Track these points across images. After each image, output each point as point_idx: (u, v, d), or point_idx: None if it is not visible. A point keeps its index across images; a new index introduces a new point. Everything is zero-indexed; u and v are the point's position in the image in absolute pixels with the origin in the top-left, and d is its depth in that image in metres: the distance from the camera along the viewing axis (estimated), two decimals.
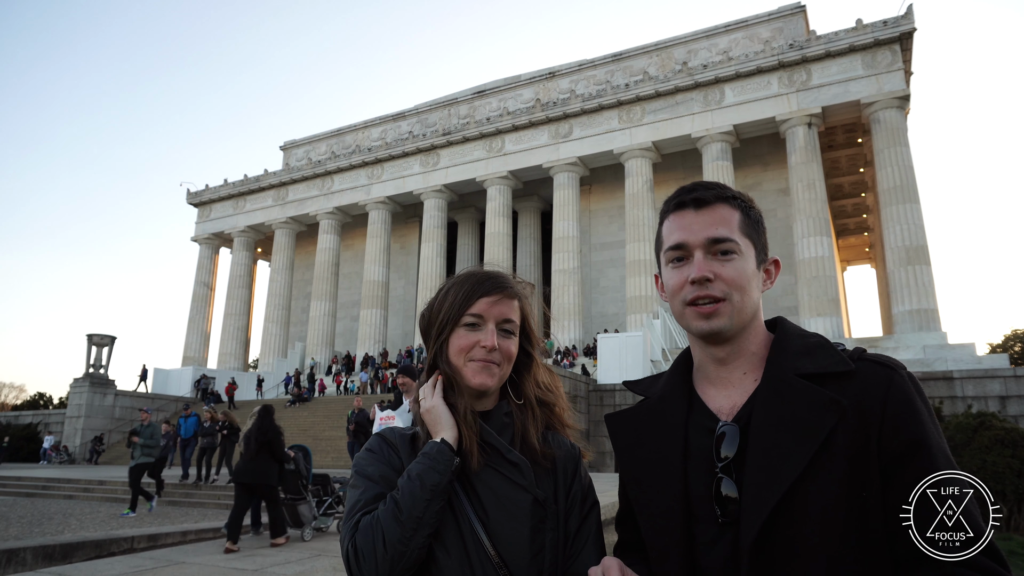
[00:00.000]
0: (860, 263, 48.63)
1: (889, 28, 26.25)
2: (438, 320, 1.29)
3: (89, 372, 27.02)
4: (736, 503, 1.02)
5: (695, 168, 31.14)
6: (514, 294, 1.30)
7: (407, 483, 1.14)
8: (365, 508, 1.17)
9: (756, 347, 1.15)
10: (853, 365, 1.05)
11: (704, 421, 1.13)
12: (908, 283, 24.70)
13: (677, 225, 1.17)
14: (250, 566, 6.14)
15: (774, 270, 1.20)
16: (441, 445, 1.18)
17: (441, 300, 1.30)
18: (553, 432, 1.32)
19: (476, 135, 34.70)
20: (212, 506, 13.46)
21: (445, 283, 1.33)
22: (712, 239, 1.12)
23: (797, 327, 1.17)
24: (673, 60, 34.41)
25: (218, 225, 42.76)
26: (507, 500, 1.18)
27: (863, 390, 1.01)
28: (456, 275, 1.34)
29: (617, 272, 33.21)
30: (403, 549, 1.09)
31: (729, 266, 1.11)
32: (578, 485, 1.26)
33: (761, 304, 1.18)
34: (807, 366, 1.06)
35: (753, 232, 1.17)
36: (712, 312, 1.10)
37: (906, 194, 25.58)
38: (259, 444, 7.58)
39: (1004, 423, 9.88)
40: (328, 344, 37.30)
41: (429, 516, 1.12)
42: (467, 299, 1.26)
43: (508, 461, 1.21)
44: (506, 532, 1.16)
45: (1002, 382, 16.85)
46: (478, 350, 1.24)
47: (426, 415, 1.25)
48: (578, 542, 1.21)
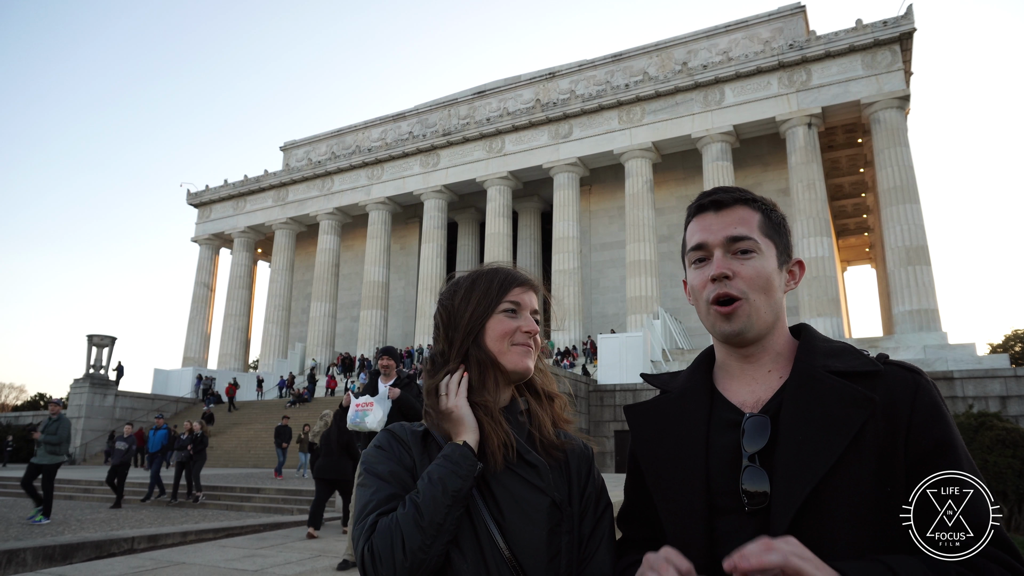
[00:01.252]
0: (860, 263, 48.63)
1: (889, 28, 26.25)
2: (469, 309, 1.27)
3: (89, 373, 27.02)
4: (763, 495, 1.03)
5: (695, 168, 31.14)
6: (537, 286, 1.35)
7: (428, 487, 1.10)
8: (379, 509, 1.13)
9: (781, 347, 1.16)
10: (881, 367, 1.07)
11: (727, 415, 1.13)
12: (908, 283, 24.70)
13: (699, 227, 1.19)
14: (250, 566, 6.14)
15: (798, 271, 1.21)
16: (464, 449, 1.15)
17: (468, 290, 1.30)
18: (565, 432, 1.31)
19: (476, 135, 34.70)
20: (212, 507, 13.47)
21: (462, 277, 1.34)
22: (731, 237, 1.14)
23: (822, 334, 1.20)
24: (673, 60, 34.41)
25: (218, 226, 42.76)
26: (524, 502, 1.16)
27: (890, 391, 1.03)
28: (475, 269, 1.34)
29: (617, 272, 33.20)
30: (424, 556, 1.06)
31: (748, 264, 1.13)
32: (592, 486, 1.25)
33: (784, 305, 1.19)
34: (836, 365, 1.08)
35: (774, 233, 1.18)
36: (731, 312, 1.11)
37: (906, 194, 25.58)
38: (340, 445, 8.31)
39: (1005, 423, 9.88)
40: (328, 345, 37.29)
41: (450, 523, 1.09)
42: (504, 287, 1.28)
43: (526, 462, 1.19)
44: (523, 535, 1.14)
45: (1002, 382, 16.85)
46: (520, 335, 1.26)
47: (448, 414, 1.21)
48: (592, 544, 1.20)
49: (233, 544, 7.61)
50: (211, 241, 43.02)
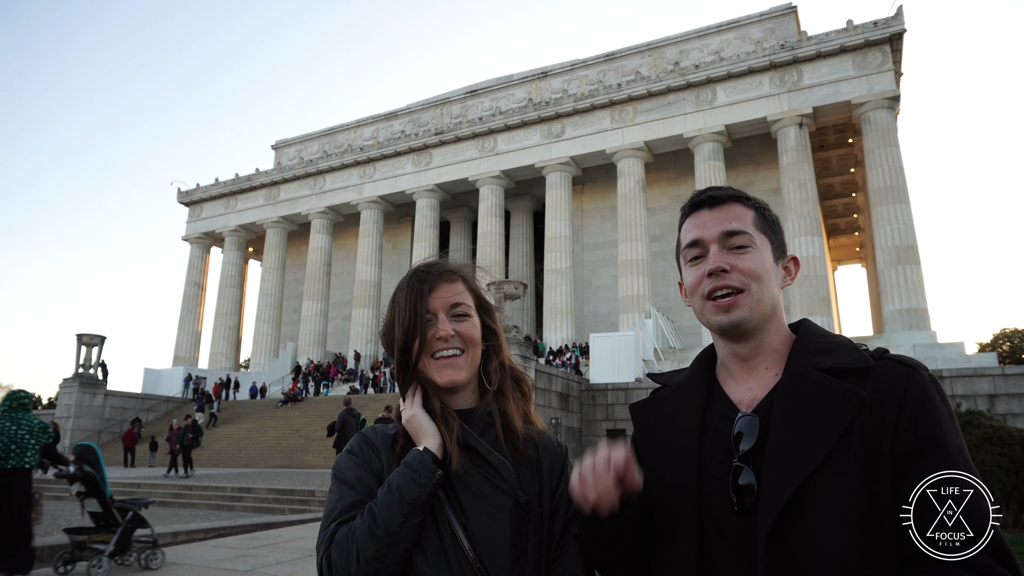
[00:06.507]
0: (851, 263, 48.88)
1: (879, 29, 26.40)
2: (398, 337, 1.24)
3: (79, 372, 26.81)
4: (753, 493, 1.03)
5: (687, 168, 31.23)
6: (454, 276, 1.29)
7: (386, 496, 1.10)
8: (340, 517, 1.13)
9: (778, 343, 1.15)
10: (873, 363, 1.06)
11: (724, 410, 1.13)
12: (898, 283, 24.86)
13: (694, 224, 1.19)
14: (241, 566, 6.12)
15: (793, 267, 1.21)
16: (423, 455, 1.14)
17: (389, 321, 1.27)
18: (540, 430, 1.30)
19: (468, 135, 34.67)
20: (203, 507, 13.40)
21: (393, 300, 1.30)
22: (726, 232, 1.14)
23: (821, 328, 1.18)
24: (665, 60, 34.48)
25: (209, 224, 42.54)
26: (488, 503, 1.16)
27: (880, 386, 1.02)
28: (397, 287, 1.30)
29: (609, 272, 33.25)
30: (378, 566, 1.06)
31: (745, 258, 1.13)
32: (564, 485, 1.23)
33: (782, 301, 1.18)
34: (827, 362, 1.07)
35: (768, 229, 1.18)
36: (731, 304, 1.11)
37: (896, 194, 25.74)
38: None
39: (992, 421, 9.94)
40: (320, 344, 37.16)
41: (407, 531, 1.08)
42: (415, 308, 1.23)
43: (488, 463, 1.18)
44: (486, 535, 1.13)
45: (991, 380, 17.00)
46: (435, 343, 1.22)
47: (407, 425, 1.22)
48: (563, 543, 1.19)
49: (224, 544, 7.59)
50: (202, 240, 42.79)
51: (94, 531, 6.21)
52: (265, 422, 26.08)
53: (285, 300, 41.54)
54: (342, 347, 38.53)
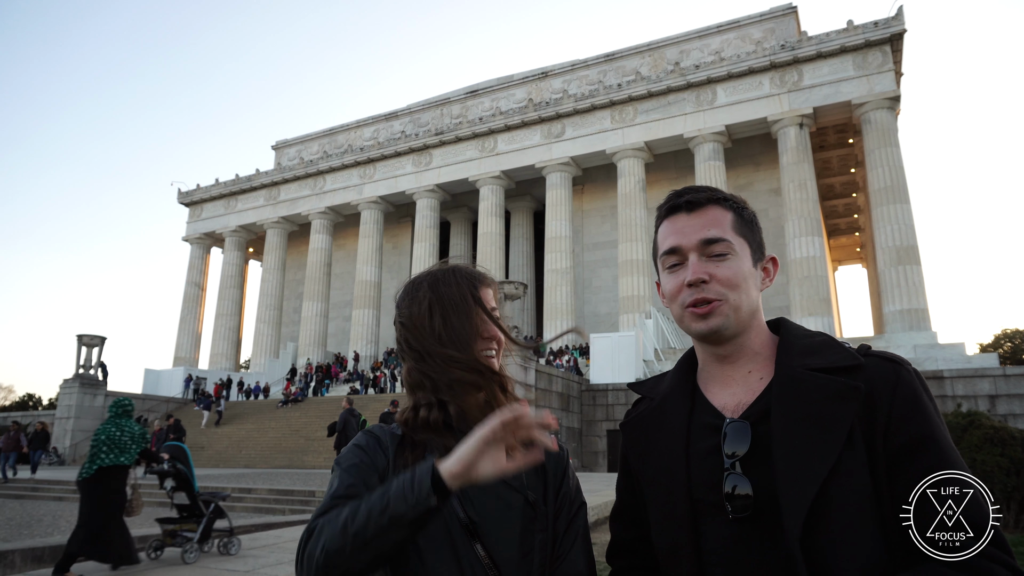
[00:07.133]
0: (851, 263, 48.87)
1: (880, 29, 26.40)
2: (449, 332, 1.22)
3: (79, 373, 26.81)
4: (748, 499, 1.01)
5: (687, 168, 31.22)
6: (493, 282, 1.31)
7: (376, 499, 1.00)
8: (339, 496, 1.09)
9: (760, 346, 1.14)
10: (862, 359, 1.05)
11: (708, 419, 1.12)
12: (899, 283, 24.85)
13: (671, 230, 1.17)
14: (242, 567, 6.12)
15: (772, 268, 1.19)
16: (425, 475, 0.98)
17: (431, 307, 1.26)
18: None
19: (469, 135, 34.67)
20: None
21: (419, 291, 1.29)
22: (705, 240, 1.12)
23: (800, 327, 1.17)
24: (665, 60, 34.48)
25: (209, 225, 42.56)
26: (498, 499, 1.15)
27: (870, 383, 1.02)
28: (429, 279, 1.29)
29: (610, 272, 33.25)
30: (339, 561, 0.97)
31: (724, 266, 1.11)
32: (567, 487, 1.25)
33: (761, 303, 1.17)
34: (816, 362, 1.06)
35: (747, 231, 1.16)
36: (709, 312, 1.10)
37: (896, 194, 25.73)
38: None
39: (993, 422, 9.92)
40: (320, 344, 37.16)
41: (381, 543, 0.97)
42: (476, 298, 1.25)
43: None
44: (496, 532, 1.13)
45: (991, 381, 16.99)
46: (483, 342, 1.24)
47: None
48: (566, 542, 1.20)
49: None
50: (202, 240, 42.80)
51: (182, 520, 6.97)
52: (265, 423, 26.09)
53: (285, 300, 41.55)
54: (342, 347, 38.52)
